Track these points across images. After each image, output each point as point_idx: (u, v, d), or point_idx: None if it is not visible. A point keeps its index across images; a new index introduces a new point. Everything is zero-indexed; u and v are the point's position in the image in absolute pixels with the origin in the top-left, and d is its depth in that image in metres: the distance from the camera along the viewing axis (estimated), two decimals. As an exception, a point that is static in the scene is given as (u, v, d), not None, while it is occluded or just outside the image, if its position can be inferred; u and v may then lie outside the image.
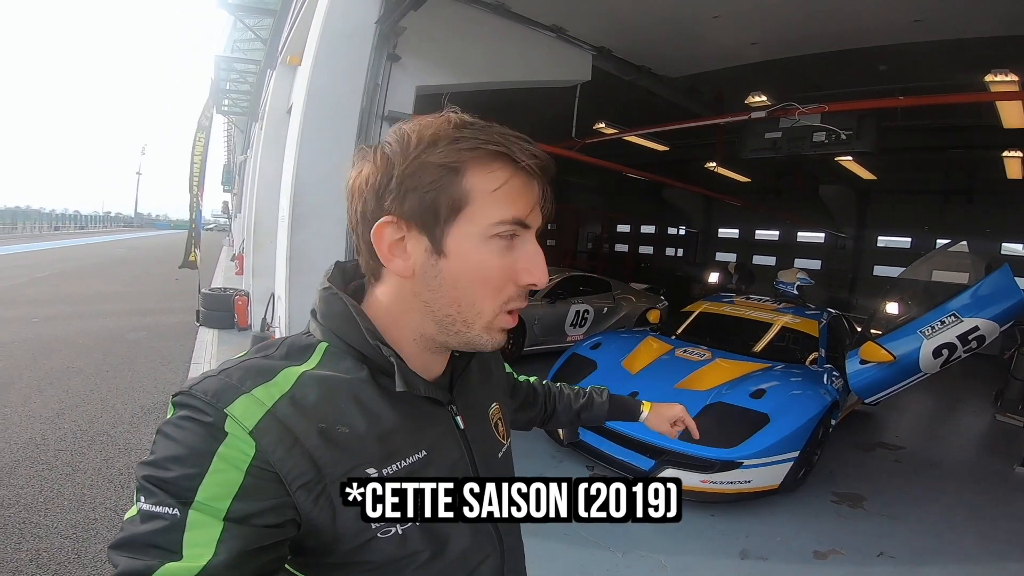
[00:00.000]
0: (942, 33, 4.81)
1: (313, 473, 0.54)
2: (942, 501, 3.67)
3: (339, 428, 0.57)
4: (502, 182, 0.60)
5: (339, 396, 0.59)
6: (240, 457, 0.51)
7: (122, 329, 7.19)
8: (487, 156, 0.59)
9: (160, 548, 0.48)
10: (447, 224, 0.60)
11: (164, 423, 0.54)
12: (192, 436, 0.52)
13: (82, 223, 50.43)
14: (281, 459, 0.53)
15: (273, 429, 0.53)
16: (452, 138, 0.59)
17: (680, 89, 6.87)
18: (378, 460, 0.59)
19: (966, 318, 3.73)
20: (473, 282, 0.61)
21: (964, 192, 12.45)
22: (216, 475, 0.50)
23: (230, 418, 0.52)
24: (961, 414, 6.11)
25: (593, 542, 2.88)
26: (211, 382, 0.55)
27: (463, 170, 0.59)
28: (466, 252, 0.60)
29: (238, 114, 14.97)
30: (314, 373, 0.59)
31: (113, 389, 4.76)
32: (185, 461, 0.50)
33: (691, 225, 18.86)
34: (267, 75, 8.14)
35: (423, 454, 0.63)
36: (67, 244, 25.50)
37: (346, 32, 3.93)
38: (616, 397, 1.21)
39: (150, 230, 61.33)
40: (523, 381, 1.11)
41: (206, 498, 0.49)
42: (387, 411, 0.61)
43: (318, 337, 0.64)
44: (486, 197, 0.59)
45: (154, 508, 0.49)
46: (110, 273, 14.40)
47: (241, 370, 0.57)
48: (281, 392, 0.55)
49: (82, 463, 3.37)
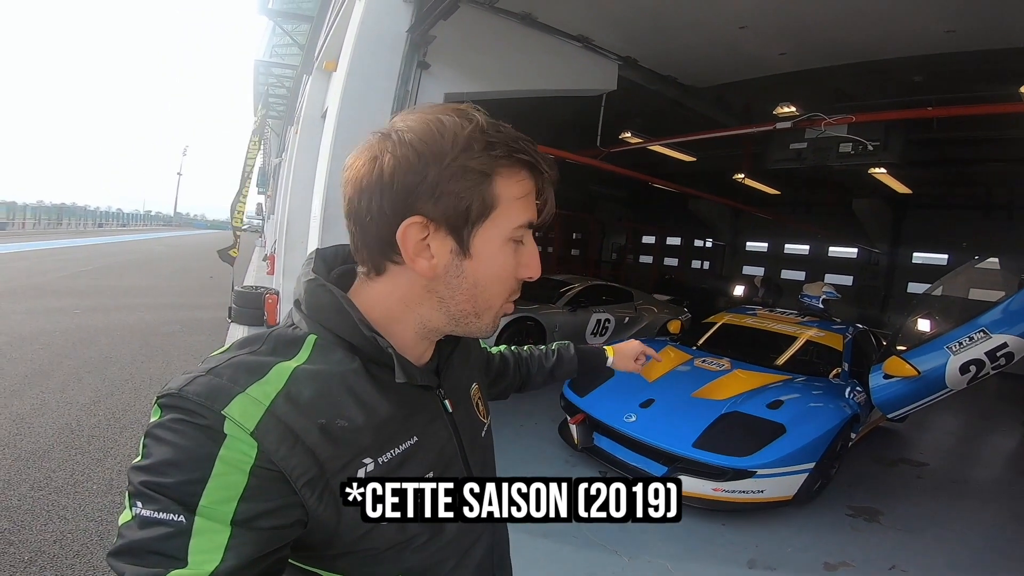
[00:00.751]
0: (976, 44, 4.73)
1: (316, 470, 0.54)
2: (962, 518, 3.57)
3: (338, 422, 0.57)
4: (527, 191, 0.63)
5: (334, 390, 0.58)
6: (242, 459, 0.50)
7: (158, 322, 7.46)
8: (518, 164, 0.61)
9: (164, 555, 0.47)
10: (475, 227, 0.61)
11: (153, 425, 0.52)
12: (188, 440, 0.50)
13: (124, 221, 52.36)
14: (284, 458, 0.52)
15: (274, 428, 0.52)
16: (486, 143, 0.60)
17: (707, 99, 6.86)
18: (374, 449, 0.59)
19: (995, 334, 3.63)
20: (493, 281, 0.64)
21: (1005, 207, 12.00)
22: (219, 479, 0.49)
23: (228, 420, 0.51)
24: (988, 433, 5.89)
25: (600, 545, 2.89)
26: (201, 382, 0.53)
27: (495, 176, 0.60)
28: (490, 254, 0.62)
29: (274, 118, 15.41)
30: (306, 368, 0.58)
31: (147, 379, 4.94)
32: (184, 466, 0.49)
33: (718, 238, 18.61)
34: (303, 80, 8.40)
35: (414, 440, 0.64)
36: (109, 240, 26.47)
37: (379, 40, 4.08)
38: (582, 349, 1.26)
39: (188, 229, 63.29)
40: (495, 353, 1.14)
41: (211, 503, 0.49)
42: (381, 401, 0.61)
43: (305, 329, 0.63)
44: (512, 203, 0.62)
45: (156, 515, 0.48)
46: (149, 269, 14.92)
47: (231, 368, 0.55)
48: (276, 389, 0.54)
49: (113, 449, 3.48)
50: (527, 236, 0.65)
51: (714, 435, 3.30)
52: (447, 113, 0.61)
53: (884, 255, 14.65)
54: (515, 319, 6.22)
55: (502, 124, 0.62)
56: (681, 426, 3.41)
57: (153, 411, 0.53)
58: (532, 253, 0.66)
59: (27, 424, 3.78)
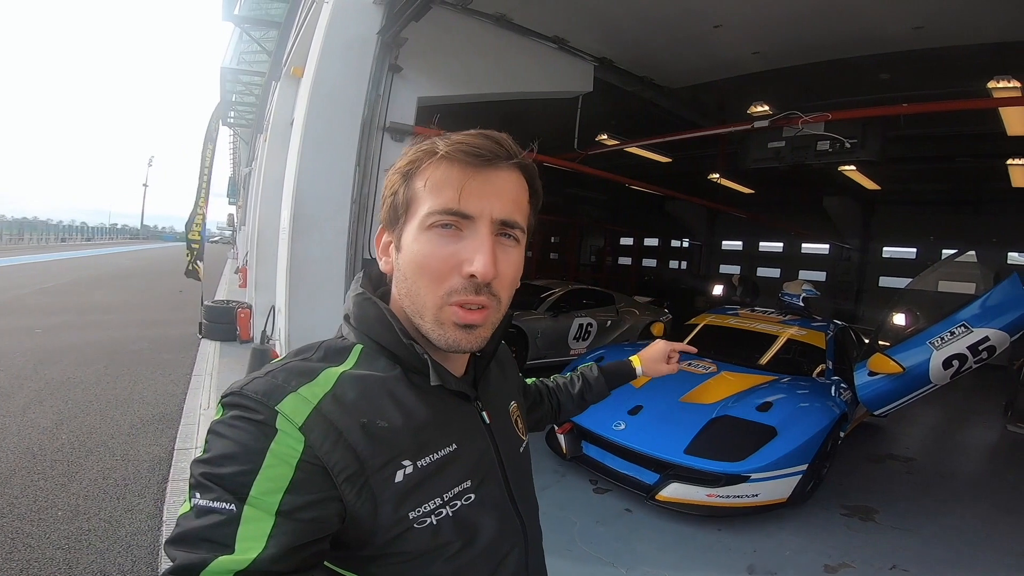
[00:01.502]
0: (944, 40, 4.80)
1: (356, 466, 0.57)
2: (956, 513, 3.58)
3: (378, 423, 0.60)
4: (443, 179, 0.63)
5: (376, 393, 0.63)
6: (290, 453, 0.54)
7: (125, 340, 7.17)
8: (424, 156, 0.65)
9: (213, 542, 0.51)
10: (404, 223, 0.66)
11: (216, 422, 0.57)
12: (245, 434, 0.55)
13: (88, 235, 50.74)
14: (328, 453, 0.56)
15: (320, 424, 0.56)
16: (412, 150, 0.66)
17: (682, 100, 6.88)
18: (412, 453, 0.62)
19: (976, 328, 3.66)
20: (415, 272, 0.64)
21: (971, 202, 12.36)
22: (269, 470, 0.53)
23: (281, 415, 0.55)
24: (972, 425, 6.01)
25: (596, 558, 2.82)
26: (259, 383, 0.58)
27: (413, 174, 0.65)
28: (409, 243, 0.65)
29: (243, 126, 15.09)
30: (352, 373, 0.63)
31: (113, 400, 4.73)
32: (239, 458, 0.53)
33: (695, 238, 18.83)
34: (271, 87, 8.20)
35: (453, 447, 0.66)
36: (73, 255, 25.61)
37: (348, 43, 3.95)
38: (606, 368, 1.26)
39: (156, 242, 61.67)
40: (530, 384, 1.17)
41: (259, 493, 0.52)
42: (420, 406, 0.65)
43: (352, 340, 0.69)
44: (422, 192, 0.64)
45: (211, 504, 0.52)
46: (116, 284, 14.42)
47: (285, 372, 0.60)
48: (324, 391, 0.59)
49: (78, 474, 3.34)
50: (470, 227, 0.63)
51: (705, 440, 3.25)
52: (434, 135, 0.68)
53: (855, 251, 14.98)
54: (496, 326, 6.12)
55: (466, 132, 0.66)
56: (671, 432, 3.35)
57: (217, 410, 0.59)
58: (474, 247, 0.62)
59: (-14, 449, 3.59)
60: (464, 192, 0.62)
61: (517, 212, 0.66)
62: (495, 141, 0.64)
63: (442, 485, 0.64)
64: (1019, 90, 4.78)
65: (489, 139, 0.64)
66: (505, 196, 0.64)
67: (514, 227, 0.65)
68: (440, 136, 0.66)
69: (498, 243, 0.64)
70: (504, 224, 0.64)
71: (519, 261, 0.68)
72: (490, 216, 0.63)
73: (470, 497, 0.67)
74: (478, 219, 0.62)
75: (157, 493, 3.18)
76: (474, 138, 0.64)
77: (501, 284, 0.65)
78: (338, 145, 3.84)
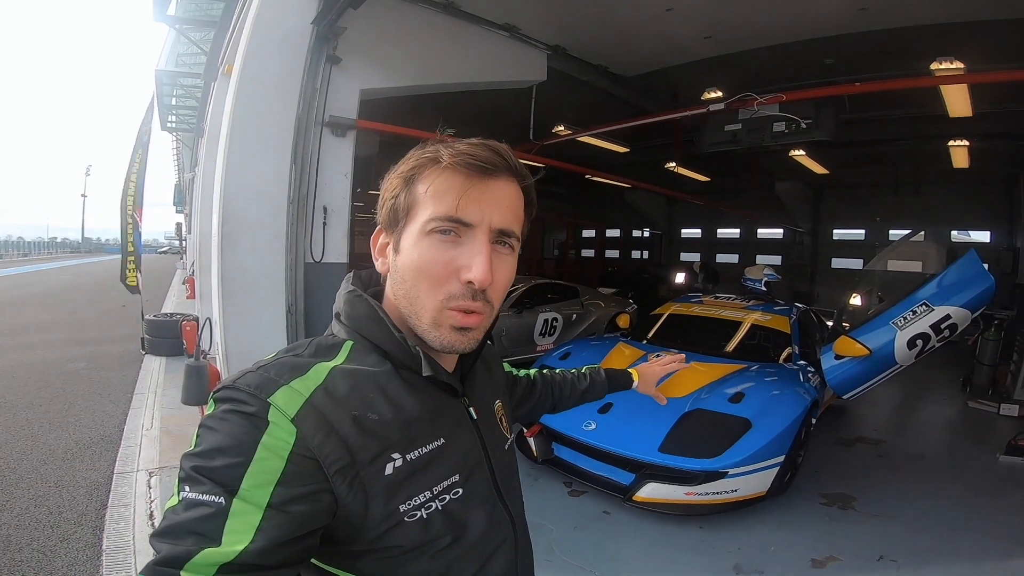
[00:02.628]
0: (887, 22, 4.86)
1: (348, 458, 0.58)
2: (933, 497, 3.57)
3: (369, 415, 0.62)
4: (445, 187, 0.65)
5: (367, 387, 0.64)
6: (282, 445, 0.55)
7: (60, 360, 6.73)
8: (428, 162, 0.66)
9: (200, 535, 0.50)
10: (403, 226, 0.68)
11: (207, 417, 0.57)
12: (236, 427, 0.55)
13: (26, 250, 47.85)
14: (320, 445, 0.56)
15: (312, 417, 0.57)
16: (415, 155, 0.68)
17: (637, 89, 6.83)
18: (403, 446, 0.63)
19: (937, 307, 3.68)
20: (415, 276, 0.66)
21: (912, 183, 12.85)
22: (260, 463, 0.53)
23: (273, 407, 0.56)
24: (933, 403, 6.13)
25: (575, 566, 2.70)
26: (251, 376, 0.59)
27: (415, 179, 0.67)
28: (408, 247, 0.66)
29: (185, 131, 14.43)
30: (343, 367, 0.64)
31: (46, 424, 4.45)
32: (230, 451, 0.54)
33: (655, 227, 19.03)
34: (210, 88, 7.77)
35: (441, 441, 0.68)
36: (8, 272, 24.01)
37: (279, 34, 3.68)
38: (611, 373, 1.31)
39: (99, 255, 58.49)
40: (523, 376, 1.18)
41: (250, 486, 0.52)
42: (409, 401, 0.66)
43: (343, 337, 0.70)
44: (423, 198, 0.66)
45: (199, 496, 0.52)
46: (53, 301, 13.59)
47: (276, 366, 0.61)
48: (316, 384, 0.60)
49: (9, 502, 3.15)
50: (468, 234, 0.65)
51: (680, 437, 3.15)
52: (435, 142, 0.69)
53: (808, 234, 15.42)
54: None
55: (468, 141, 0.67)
56: (644, 430, 3.23)
57: (208, 406, 0.60)
58: (472, 254, 0.64)
59: (-92, 481, 3.39)
60: (465, 200, 0.64)
61: (514, 221, 0.68)
62: (496, 152, 0.66)
63: (431, 479, 0.65)
64: (962, 71, 4.88)
65: (490, 150, 0.66)
66: (503, 206, 0.66)
67: (510, 236, 0.68)
68: (443, 143, 0.67)
69: (494, 251, 0.66)
70: (501, 233, 0.66)
71: (512, 269, 0.70)
72: (489, 225, 0.65)
73: (458, 491, 0.67)
74: (477, 227, 0.64)
75: (95, 520, 3.00)
76: (477, 148, 0.65)
77: (495, 291, 0.67)
78: (270, 143, 3.57)
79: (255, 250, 3.41)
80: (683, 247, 18.91)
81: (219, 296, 3.48)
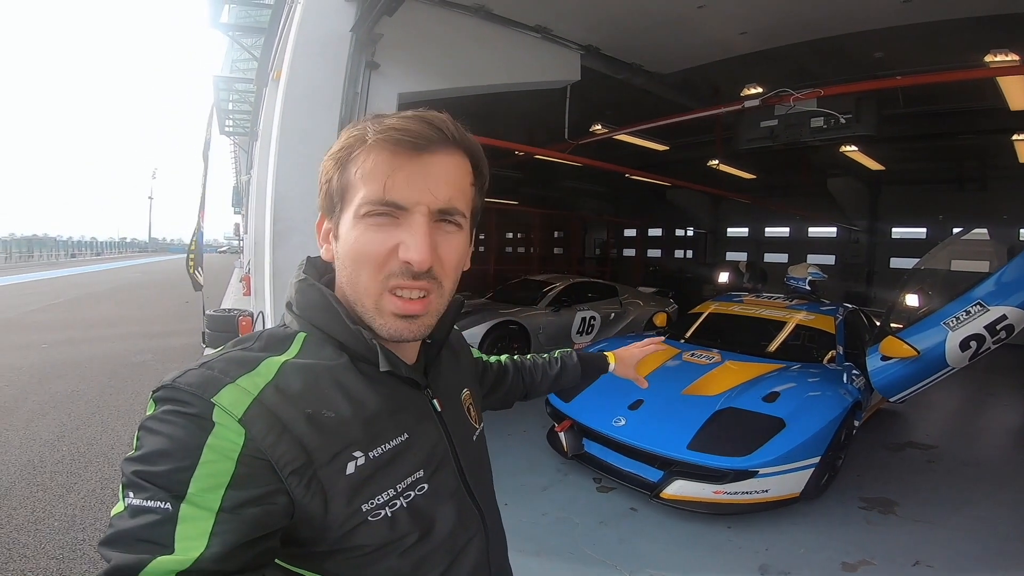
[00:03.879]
0: (933, 14, 4.61)
1: (304, 458, 0.55)
2: (982, 504, 3.39)
3: (325, 413, 0.58)
4: (359, 164, 0.62)
5: (322, 382, 0.60)
6: (230, 447, 0.52)
7: (129, 352, 7.25)
8: (356, 142, 0.62)
9: (151, 542, 0.48)
10: (340, 211, 0.65)
11: (147, 418, 0.54)
12: (179, 429, 0.52)
13: (98, 250, 51.29)
14: (272, 445, 0.54)
15: (262, 416, 0.54)
16: (345, 134, 0.64)
17: (674, 85, 6.70)
18: (365, 443, 0.60)
19: (992, 307, 3.48)
20: (354, 262, 0.63)
21: (977, 179, 12.06)
22: (207, 466, 0.51)
23: (217, 407, 0.53)
24: (993, 409, 5.78)
25: (599, 561, 2.71)
26: (193, 375, 0.55)
27: (346, 160, 0.63)
28: (345, 232, 0.64)
29: (241, 134, 15.11)
30: (295, 362, 0.61)
31: (115, 412, 4.79)
32: (174, 455, 0.51)
33: (699, 226, 18.60)
34: (262, 93, 8.16)
35: (404, 437, 0.65)
36: (83, 271, 25.86)
37: (321, 41, 3.84)
38: (584, 356, 1.27)
39: (164, 254, 62.10)
40: (493, 362, 1.14)
41: (199, 490, 0.50)
42: (369, 395, 0.63)
43: (295, 328, 0.66)
44: (354, 181, 0.62)
45: (145, 503, 0.49)
46: (123, 297, 14.55)
47: (223, 362, 0.58)
48: (265, 381, 0.57)
49: (76, 485, 3.37)
50: (407, 217, 0.61)
51: (709, 435, 3.11)
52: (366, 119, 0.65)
53: (864, 232, 14.71)
54: (498, 323, 6.02)
55: (400, 114, 0.63)
56: (674, 427, 3.22)
57: (148, 406, 0.55)
58: (411, 233, 0.61)
59: (-12, 462, 3.67)
60: (393, 181, 0.60)
61: (457, 198, 0.64)
62: (430, 124, 0.62)
63: (395, 476, 0.62)
64: (1018, 62, 4.60)
65: (423, 122, 0.61)
66: (441, 182, 0.62)
67: (454, 214, 0.64)
68: (372, 119, 0.63)
69: (438, 229, 0.63)
70: (442, 212, 0.63)
71: (462, 246, 0.67)
72: (426, 206, 0.61)
73: (423, 487, 0.65)
74: (412, 209, 0.61)
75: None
76: (407, 121, 0.61)
77: (443, 270, 0.64)
78: (316, 146, 3.71)
79: (304, 248, 3.48)
80: (730, 246, 18.38)
81: (271, 291, 3.66)
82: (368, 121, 0.63)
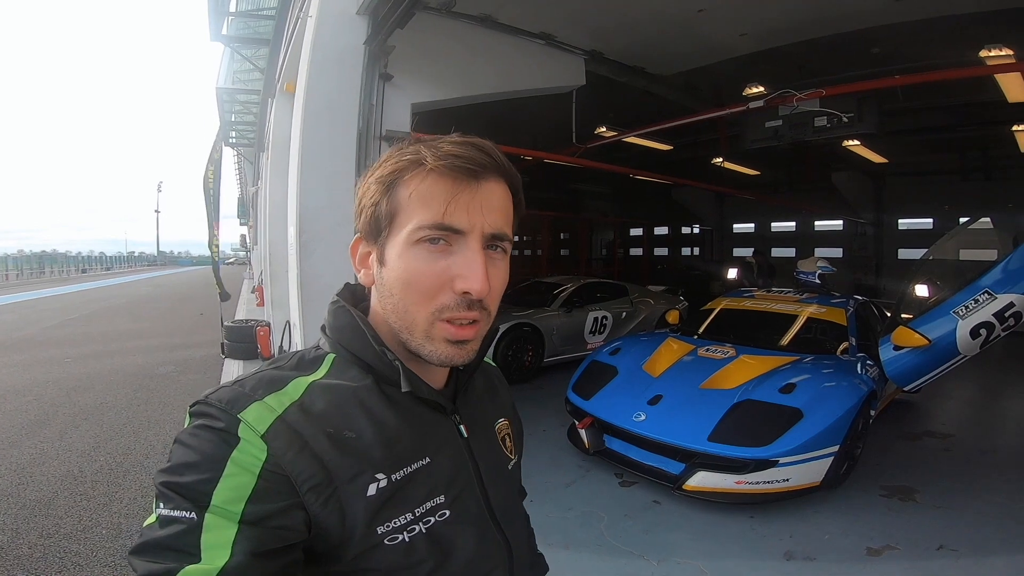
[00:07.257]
0: (925, 11, 4.71)
1: (323, 476, 0.56)
2: (1001, 490, 3.42)
3: (346, 433, 0.59)
4: (430, 192, 0.61)
5: (346, 403, 0.61)
6: (252, 461, 0.53)
7: (152, 364, 7.36)
8: (410, 165, 0.62)
9: (179, 551, 0.49)
10: (387, 235, 0.63)
11: (181, 432, 0.56)
12: (206, 443, 0.54)
13: (108, 264, 51.77)
14: (291, 462, 0.55)
15: (283, 433, 0.56)
16: (394, 157, 0.64)
17: (677, 87, 6.80)
18: (387, 466, 0.60)
19: (1000, 295, 3.56)
20: (404, 289, 0.62)
21: (981, 169, 12.12)
22: (230, 479, 0.52)
23: (243, 423, 0.55)
24: (1008, 396, 5.80)
25: (626, 551, 2.78)
26: (225, 391, 0.58)
27: (396, 183, 0.62)
28: (394, 258, 0.63)
29: (245, 145, 15.14)
30: (322, 382, 0.62)
31: (145, 422, 4.88)
32: (200, 467, 0.53)
33: (704, 223, 18.66)
34: (268, 104, 8.27)
35: (426, 460, 0.64)
36: (95, 286, 26.06)
37: (336, 55, 3.94)
38: None
39: (173, 267, 62.52)
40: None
41: (221, 501, 0.51)
42: (392, 417, 0.63)
43: (327, 349, 0.68)
44: (406, 204, 0.62)
45: (172, 512, 0.51)
46: (138, 311, 14.65)
47: (254, 380, 0.60)
48: (291, 400, 0.59)
49: (119, 493, 3.45)
50: (460, 242, 0.61)
51: (729, 427, 3.19)
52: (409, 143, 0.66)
53: (870, 225, 14.73)
54: (512, 326, 6.10)
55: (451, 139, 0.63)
56: (693, 420, 3.30)
57: (185, 419, 0.58)
58: (466, 262, 0.61)
59: (28, 474, 3.74)
60: (454, 206, 0.60)
61: (505, 224, 0.65)
62: (482, 151, 0.62)
63: (414, 500, 0.62)
64: (1011, 58, 4.67)
65: (477, 149, 0.62)
66: (494, 208, 0.63)
67: (503, 239, 0.64)
68: (423, 143, 0.63)
69: (488, 257, 0.62)
70: (494, 237, 0.63)
71: (506, 273, 0.67)
72: (481, 230, 0.61)
73: (444, 513, 0.64)
74: (469, 234, 0.61)
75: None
76: (463, 148, 0.61)
77: (491, 297, 0.63)
78: (336, 158, 3.83)
79: (328, 258, 3.62)
80: (736, 242, 18.44)
81: (299, 301, 3.75)
82: (421, 145, 0.63)
